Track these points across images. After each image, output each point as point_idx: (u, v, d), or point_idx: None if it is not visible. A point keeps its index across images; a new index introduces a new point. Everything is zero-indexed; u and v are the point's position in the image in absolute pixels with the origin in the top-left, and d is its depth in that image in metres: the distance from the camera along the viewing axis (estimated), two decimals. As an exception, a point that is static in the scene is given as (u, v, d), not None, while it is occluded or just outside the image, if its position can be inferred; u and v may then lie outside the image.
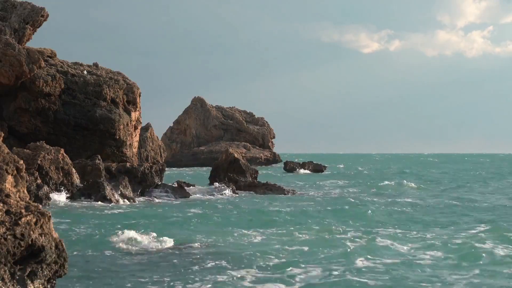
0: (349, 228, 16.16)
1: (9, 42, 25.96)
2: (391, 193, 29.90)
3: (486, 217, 19.23)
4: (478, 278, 9.99)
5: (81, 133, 27.79)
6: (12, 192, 9.52)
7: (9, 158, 9.67)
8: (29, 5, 28.58)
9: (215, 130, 78.89)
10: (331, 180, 42.30)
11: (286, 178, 44.94)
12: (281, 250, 12.44)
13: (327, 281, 9.71)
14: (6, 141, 21.87)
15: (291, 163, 59.42)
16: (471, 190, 32.37)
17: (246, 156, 53.87)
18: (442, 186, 35.37)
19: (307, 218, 18.25)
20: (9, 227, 9.03)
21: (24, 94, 26.78)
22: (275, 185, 29.31)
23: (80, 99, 28.10)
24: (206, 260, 11.35)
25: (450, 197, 26.95)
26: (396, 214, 19.98)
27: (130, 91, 29.63)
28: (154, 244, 13.06)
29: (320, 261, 11.33)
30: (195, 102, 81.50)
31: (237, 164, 35.56)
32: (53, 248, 9.35)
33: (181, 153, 77.58)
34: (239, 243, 13.54)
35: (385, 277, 9.95)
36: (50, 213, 9.76)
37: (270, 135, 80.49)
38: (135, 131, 29.87)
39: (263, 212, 20.06)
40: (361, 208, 21.46)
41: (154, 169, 25.78)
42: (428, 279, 9.83)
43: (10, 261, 8.85)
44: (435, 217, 19.18)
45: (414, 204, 23.42)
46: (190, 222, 17.31)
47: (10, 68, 25.74)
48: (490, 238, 13.91)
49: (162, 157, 43.35)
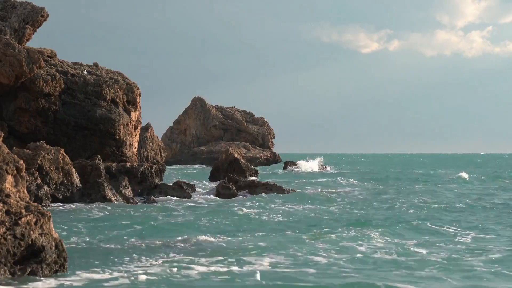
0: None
1: (9, 42, 25.95)
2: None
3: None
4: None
5: (81, 133, 27.77)
6: (12, 192, 9.53)
7: (9, 158, 9.67)
8: (29, 5, 28.56)
9: (215, 130, 78.86)
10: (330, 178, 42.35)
11: (286, 178, 44.94)
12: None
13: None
14: (6, 141, 21.86)
15: (291, 163, 59.48)
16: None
17: (246, 156, 53.88)
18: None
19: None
20: (9, 227, 9.04)
21: (24, 94, 26.77)
22: (275, 185, 29.32)
23: (80, 99, 28.09)
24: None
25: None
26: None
27: (130, 91, 29.61)
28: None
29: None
30: (195, 102, 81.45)
31: (237, 164, 35.57)
32: (53, 248, 9.36)
33: (181, 153, 77.56)
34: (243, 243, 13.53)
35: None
36: (50, 213, 9.76)
37: (270, 135, 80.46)
38: (135, 131, 29.87)
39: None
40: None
41: (154, 169, 25.77)
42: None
43: (10, 261, 8.86)
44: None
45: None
46: (192, 223, 17.31)
47: (10, 68, 25.74)
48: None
49: (162, 157, 43.32)
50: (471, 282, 9.76)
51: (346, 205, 22.96)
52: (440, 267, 10.88)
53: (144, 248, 12.81)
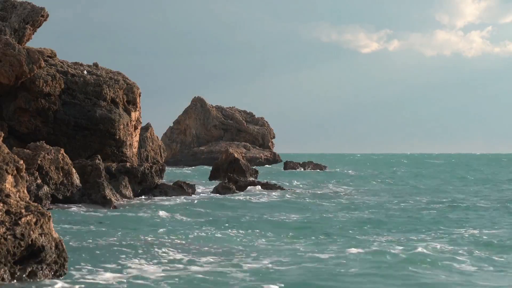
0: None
1: (9, 42, 25.95)
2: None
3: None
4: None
5: (81, 133, 27.77)
6: (12, 192, 9.52)
7: (9, 158, 9.67)
8: (29, 5, 28.55)
9: (215, 130, 78.86)
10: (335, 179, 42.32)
11: (286, 177, 44.90)
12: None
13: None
14: (6, 141, 21.83)
15: (291, 163, 59.47)
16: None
17: (246, 156, 53.86)
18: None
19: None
20: (9, 227, 9.03)
21: (24, 94, 26.77)
22: (275, 185, 29.35)
23: (80, 99, 28.09)
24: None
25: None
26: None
27: (130, 91, 29.61)
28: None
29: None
30: (195, 102, 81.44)
31: (237, 164, 35.57)
32: (53, 248, 9.36)
33: (181, 153, 77.55)
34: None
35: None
36: (50, 213, 9.75)
37: (270, 135, 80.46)
38: (135, 131, 29.87)
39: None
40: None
41: (154, 169, 25.77)
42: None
43: (10, 261, 8.85)
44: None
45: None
46: (193, 223, 17.31)
47: (10, 68, 25.73)
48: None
49: (162, 157, 43.31)
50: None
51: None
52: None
53: (144, 248, 12.81)
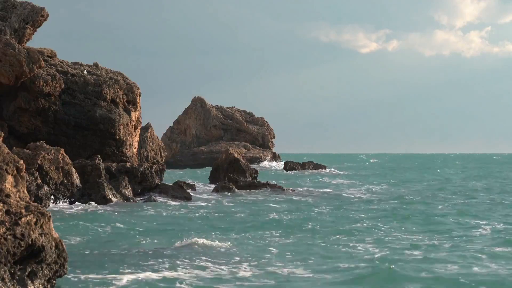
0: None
1: (9, 42, 25.95)
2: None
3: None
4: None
5: (81, 133, 27.77)
6: (12, 192, 9.51)
7: (9, 158, 9.66)
8: (29, 5, 28.55)
9: (215, 130, 78.82)
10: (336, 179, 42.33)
11: (286, 178, 44.89)
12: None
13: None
14: (6, 141, 21.86)
15: (291, 163, 59.40)
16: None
17: (246, 156, 53.82)
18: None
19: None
20: (9, 227, 9.01)
21: (24, 94, 26.77)
22: (275, 185, 29.33)
23: (80, 99, 28.08)
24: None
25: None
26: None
27: (130, 91, 29.61)
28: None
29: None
30: (195, 102, 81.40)
31: (237, 164, 35.52)
32: (53, 248, 9.34)
33: (181, 153, 77.50)
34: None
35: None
36: (50, 213, 9.75)
37: (270, 135, 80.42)
38: (135, 131, 29.86)
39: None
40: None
41: (154, 169, 25.75)
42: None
43: (10, 261, 8.84)
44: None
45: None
46: (193, 223, 17.30)
47: (10, 68, 25.73)
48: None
49: (162, 157, 43.31)
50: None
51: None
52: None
53: (144, 248, 12.81)
